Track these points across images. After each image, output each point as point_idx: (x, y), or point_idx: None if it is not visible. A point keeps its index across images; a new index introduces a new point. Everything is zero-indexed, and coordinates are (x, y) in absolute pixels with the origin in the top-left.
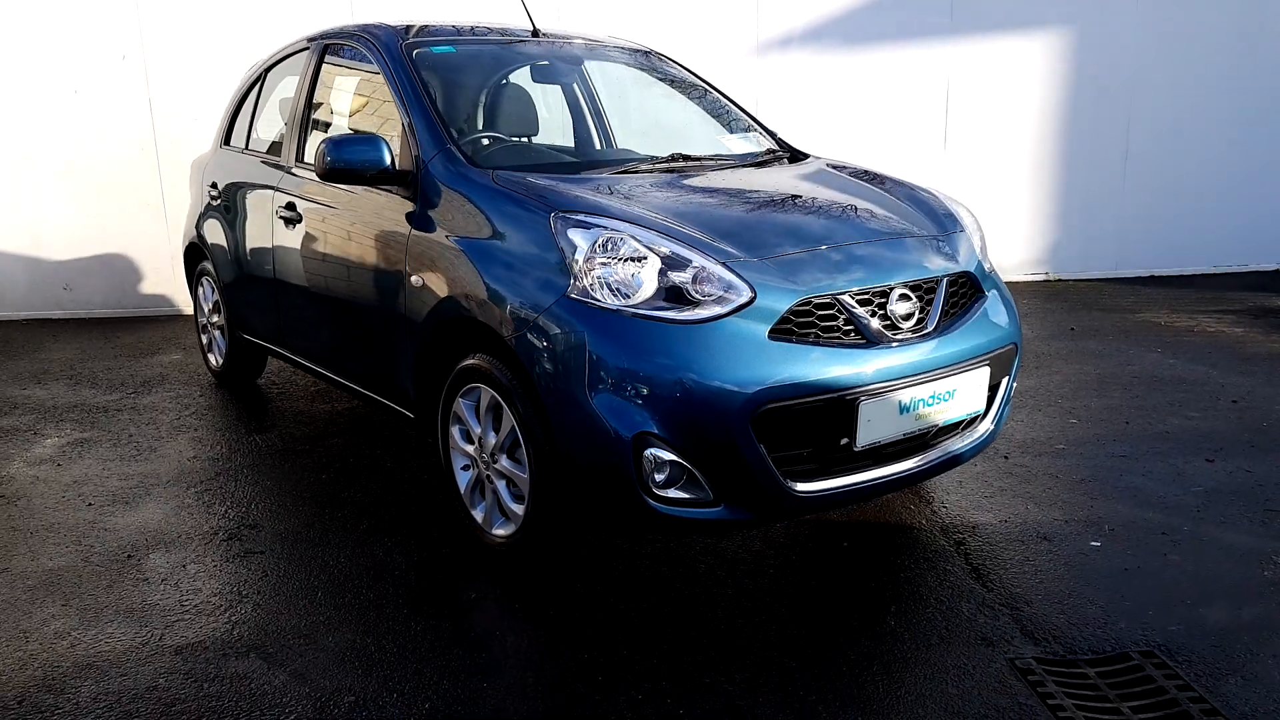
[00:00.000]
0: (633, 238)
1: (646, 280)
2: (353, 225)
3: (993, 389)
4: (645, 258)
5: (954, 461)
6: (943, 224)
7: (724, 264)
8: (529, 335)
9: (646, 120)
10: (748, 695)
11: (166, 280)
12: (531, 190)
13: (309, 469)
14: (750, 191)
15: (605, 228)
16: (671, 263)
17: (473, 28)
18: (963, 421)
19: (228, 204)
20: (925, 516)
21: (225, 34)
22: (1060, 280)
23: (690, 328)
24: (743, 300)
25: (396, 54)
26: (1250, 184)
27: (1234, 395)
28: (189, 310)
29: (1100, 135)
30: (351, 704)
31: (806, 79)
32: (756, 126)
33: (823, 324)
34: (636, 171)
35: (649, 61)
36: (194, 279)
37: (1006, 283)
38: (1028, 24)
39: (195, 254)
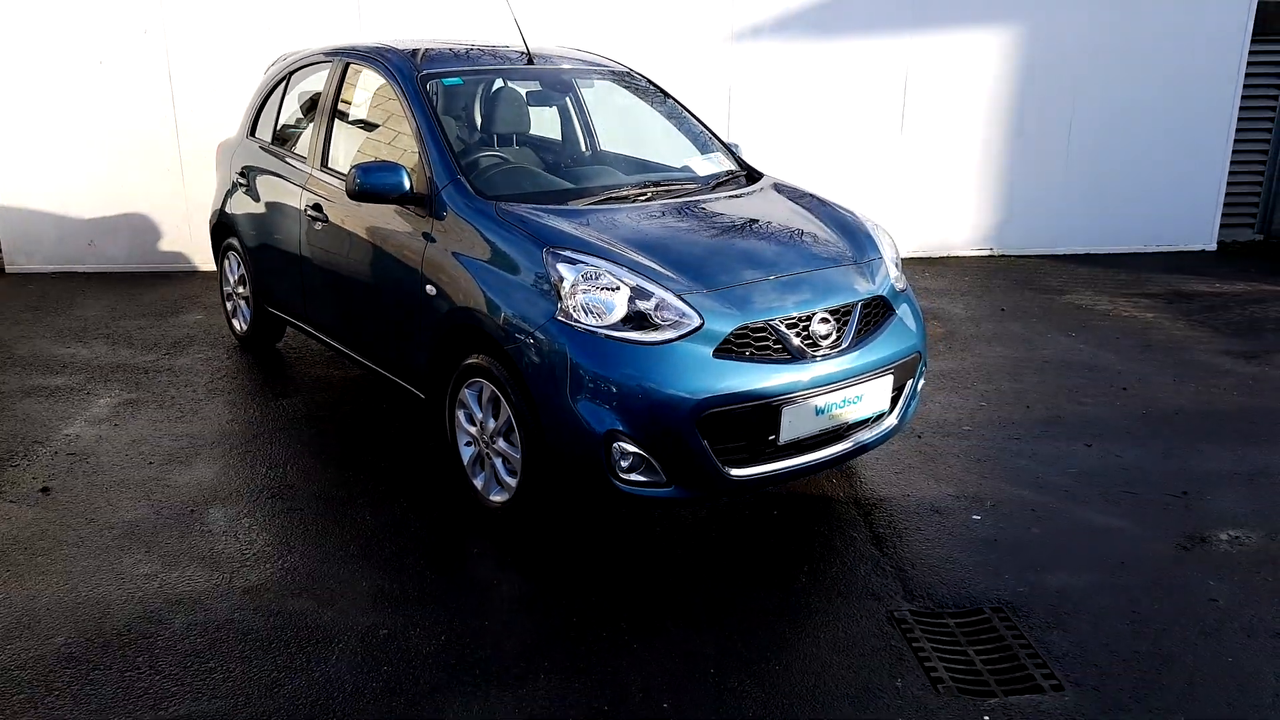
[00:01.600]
0: (609, 273)
1: (618, 306)
2: (375, 234)
3: (899, 389)
4: (618, 288)
5: (863, 449)
6: (864, 250)
7: (679, 296)
8: (524, 345)
9: (627, 139)
10: (687, 632)
11: (183, 239)
12: (527, 226)
13: (330, 434)
14: (708, 223)
15: (587, 263)
16: (638, 293)
17: (469, 51)
18: (870, 418)
19: (255, 192)
20: (844, 490)
21: (240, 10)
22: (1004, 256)
23: (651, 348)
24: (693, 326)
25: (413, 84)
26: (1181, 172)
27: (1126, 383)
28: (204, 268)
29: (1046, 122)
30: (385, 636)
31: (776, 66)
32: (719, 147)
33: (757, 344)
34: (615, 200)
35: (631, 82)
36: (220, 252)
37: (956, 258)
38: (983, 18)
39: (222, 230)
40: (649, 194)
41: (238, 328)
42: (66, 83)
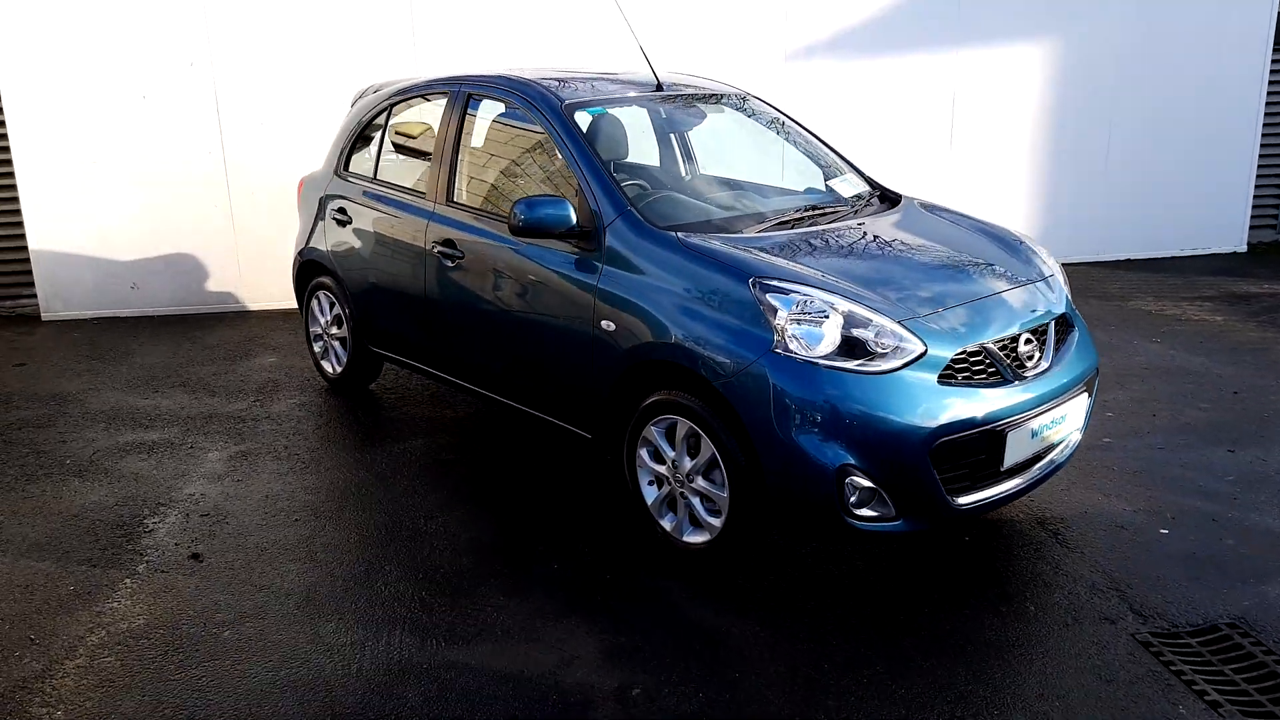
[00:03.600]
0: (823, 301)
1: (832, 335)
2: (530, 271)
3: None
4: (829, 316)
5: (1057, 469)
6: (1040, 270)
7: (900, 322)
8: (737, 381)
9: (754, 163)
10: (936, 665)
11: (232, 279)
12: (722, 256)
13: (472, 479)
14: (887, 245)
15: (799, 293)
16: (853, 320)
17: (596, 80)
18: (1065, 438)
19: (359, 230)
20: (1019, 511)
21: (291, 41)
22: None
23: (877, 377)
24: (916, 353)
25: (559, 115)
26: (1213, 176)
27: (1235, 386)
28: (256, 308)
29: (1086, 132)
30: (640, 696)
31: (829, 85)
32: (849, 168)
33: (974, 368)
34: (784, 225)
35: (754, 106)
36: (308, 291)
37: None
38: (1024, 33)
39: (312, 269)
40: (815, 218)
41: (329, 370)
42: (106, 119)
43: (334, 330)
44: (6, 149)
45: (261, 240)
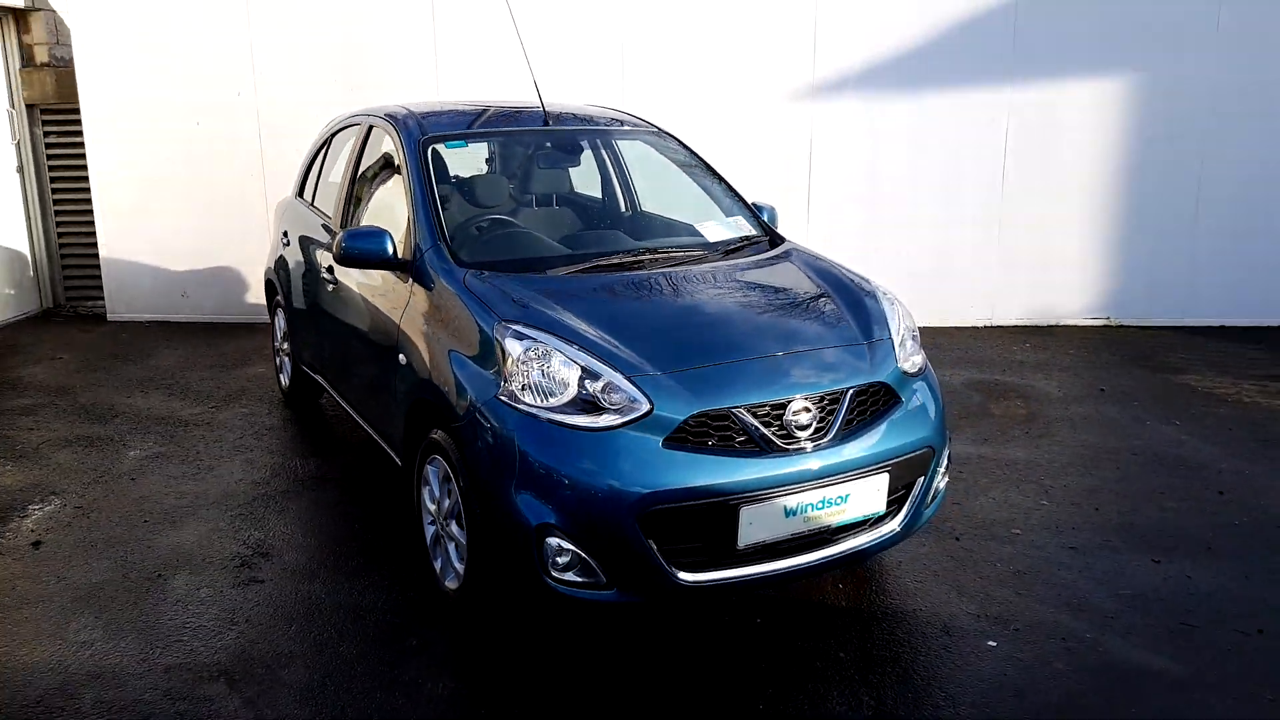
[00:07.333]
0: (557, 350)
1: (567, 387)
2: (367, 299)
3: (905, 488)
4: (568, 367)
5: (860, 556)
6: (870, 329)
7: (629, 378)
8: (467, 423)
9: (648, 200)
10: None
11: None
12: (486, 297)
13: (330, 501)
14: (691, 296)
15: (535, 339)
16: (589, 373)
17: (486, 112)
18: (863, 521)
19: (295, 252)
20: (850, 597)
21: (324, 69)
22: (1122, 326)
23: (594, 434)
24: (641, 412)
25: (414, 149)
26: None
27: (1224, 484)
28: None
29: (1170, 180)
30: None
31: (862, 121)
32: (742, 210)
33: (719, 433)
34: (602, 269)
35: (655, 141)
36: (271, 308)
37: (1065, 327)
38: (1095, 67)
39: (271, 287)
40: (642, 262)
41: (283, 383)
42: (166, 142)
43: (284, 345)
44: (83, 167)
45: None
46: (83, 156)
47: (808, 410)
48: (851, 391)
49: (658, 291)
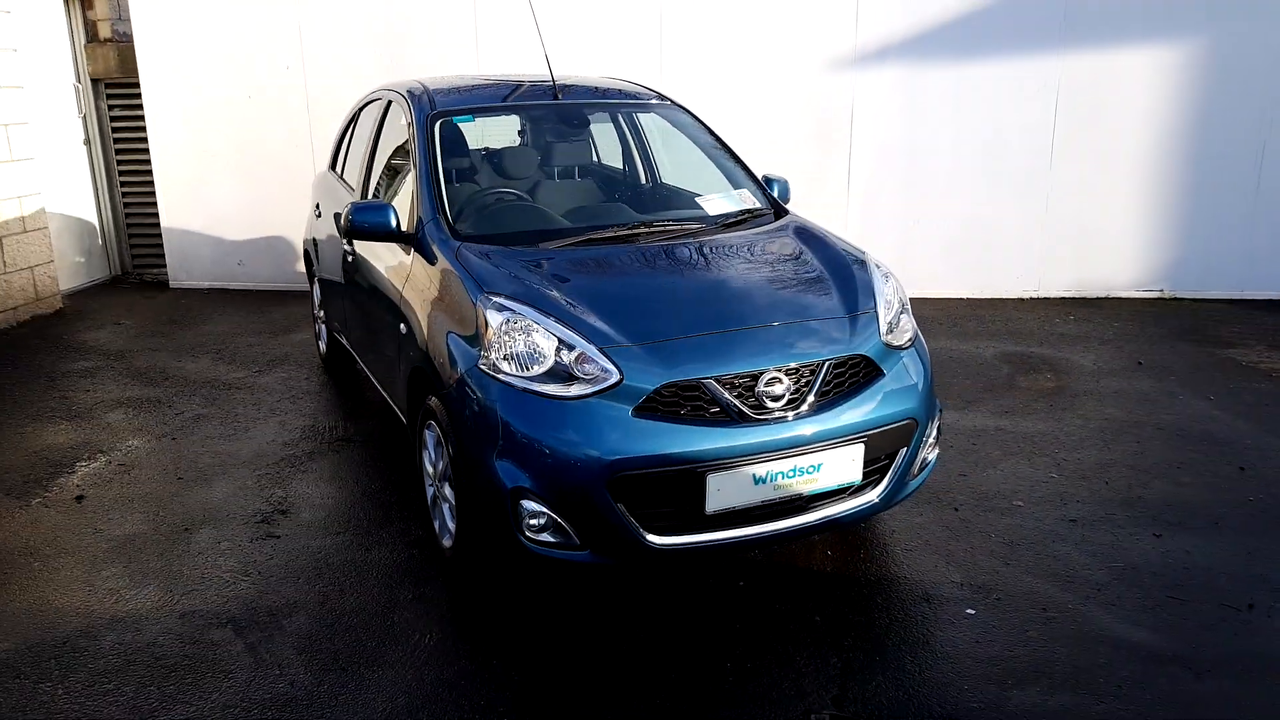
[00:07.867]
0: (534, 322)
1: (544, 358)
2: (378, 269)
3: (888, 459)
4: (545, 338)
5: (835, 524)
6: (855, 304)
7: (602, 349)
8: (453, 391)
9: (644, 174)
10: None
11: None
12: (472, 269)
13: (353, 462)
14: (678, 269)
15: (515, 311)
16: (564, 344)
17: (498, 86)
18: (839, 490)
19: (325, 224)
20: (836, 563)
21: (369, 42)
22: (1176, 299)
23: (566, 403)
24: (611, 382)
25: (423, 122)
26: None
27: (1248, 461)
28: None
29: (1230, 149)
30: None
31: (905, 90)
32: (748, 184)
33: (690, 403)
34: (595, 242)
35: (667, 113)
36: (310, 278)
37: (1115, 299)
38: (1151, 32)
39: (308, 258)
40: (636, 236)
41: (321, 349)
42: (221, 116)
43: (320, 314)
44: (145, 140)
45: None
46: (145, 129)
47: (779, 381)
48: (828, 364)
49: (644, 265)
